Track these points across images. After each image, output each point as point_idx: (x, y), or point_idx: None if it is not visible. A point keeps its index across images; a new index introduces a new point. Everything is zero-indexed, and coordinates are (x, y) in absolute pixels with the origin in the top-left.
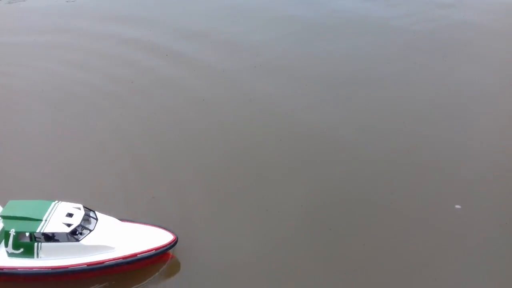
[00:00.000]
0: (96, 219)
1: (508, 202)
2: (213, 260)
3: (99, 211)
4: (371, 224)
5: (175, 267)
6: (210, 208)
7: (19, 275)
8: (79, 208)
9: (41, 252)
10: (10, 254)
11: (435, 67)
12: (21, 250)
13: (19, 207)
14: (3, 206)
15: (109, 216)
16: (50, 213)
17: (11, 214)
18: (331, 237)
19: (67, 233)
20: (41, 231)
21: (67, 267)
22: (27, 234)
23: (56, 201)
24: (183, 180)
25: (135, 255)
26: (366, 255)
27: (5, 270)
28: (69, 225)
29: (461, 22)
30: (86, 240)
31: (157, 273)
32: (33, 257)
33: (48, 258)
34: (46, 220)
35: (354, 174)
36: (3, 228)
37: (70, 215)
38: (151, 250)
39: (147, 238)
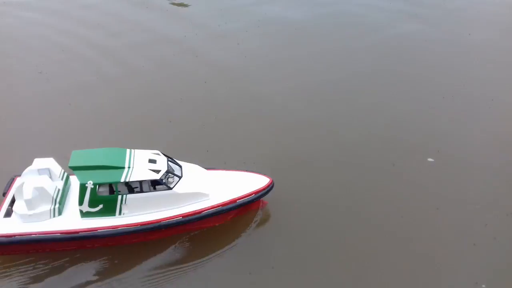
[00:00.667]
0: (180, 166)
1: None
2: (304, 207)
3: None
4: None
5: (267, 215)
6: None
7: (98, 238)
8: (159, 154)
9: (124, 207)
10: (85, 214)
11: None
12: (100, 207)
13: (89, 157)
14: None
15: (191, 164)
16: (130, 160)
17: (84, 164)
18: None
19: (157, 181)
20: (127, 180)
21: (159, 221)
22: (108, 186)
23: (129, 149)
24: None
25: (234, 201)
26: None
27: (81, 234)
28: (157, 171)
29: None
30: (179, 187)
31: (252, 223)
32: (115, 215)
33: (133, 214)
34: (129, 167)
35: None
36: (66, 184)
37: (152, 161)
38: (251, 194)
39: (240, 183)
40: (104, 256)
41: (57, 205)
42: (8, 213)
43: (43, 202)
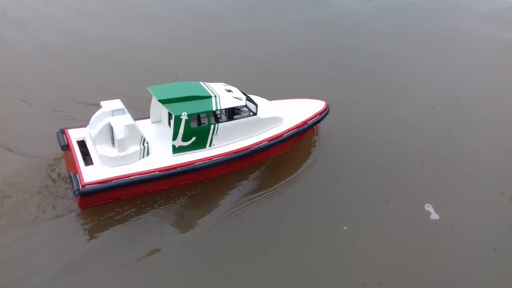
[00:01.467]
0: (247, 95)
1: None
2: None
3: None
4: None
5: (327, 136)
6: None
7: (193, 173)
8: (226, 84)
9: (215, 138)
10: (177, 149)
11: None
12: (192, 140)
13: (172, 89)
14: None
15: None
16: (210, 90)
17: (173, 96)
18: None
19: (239, 108)
20: (218, 108)
21: (250, 147)
22: (197, 117)
23: (201, 82)
24: None
25: (305, 122)
26: None
27: (179, 169)
28: (239, 98)
29: None
30: (261, 112)
31: (315, 143)
32: (205, 147)
33: (222, 144)
34: (216, 96)
35: None
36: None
37: (229, 91)
38: (316, 115)
39: (301, 107)
40: (192, 191)
41: (146, 144)
42: (88, 162)
43: (133, 142)
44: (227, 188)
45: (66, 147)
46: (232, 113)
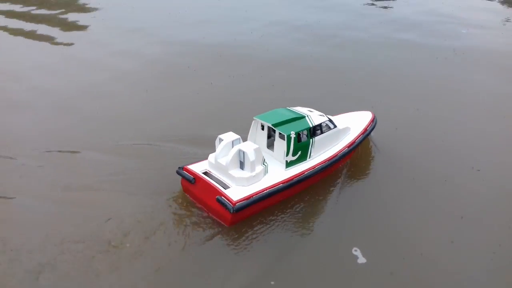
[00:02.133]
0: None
1: None
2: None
3: None
4: None
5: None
6: None
7: (303, 181)
8: (303, 107)
9: (313, 150)
10: (289, 164)
11: None
12: (299, 154)
13: (273, 115)
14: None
15: None
16: (299, 111)
17: (279, 120)
18: None
19: (327, 121)
20: (314, 125)
21: (336, 155)
22: (297, 134)
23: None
24: None
25: (366, 129)
26: None
27: (296, 179)
28: (322, 115)
29: None
30: (339, 124)
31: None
32: (306, 159)
33: (316, 155)
34: (307, 116)
35: None
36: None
37: (310, 110)
38: (370, 122)
39: (355, 119)
40: (295, 201)
41: (266, 164)
42: (225, 186)
43: (259, 163)
44: (326, 195)
45: (194, 180)
46: (318, 128)
